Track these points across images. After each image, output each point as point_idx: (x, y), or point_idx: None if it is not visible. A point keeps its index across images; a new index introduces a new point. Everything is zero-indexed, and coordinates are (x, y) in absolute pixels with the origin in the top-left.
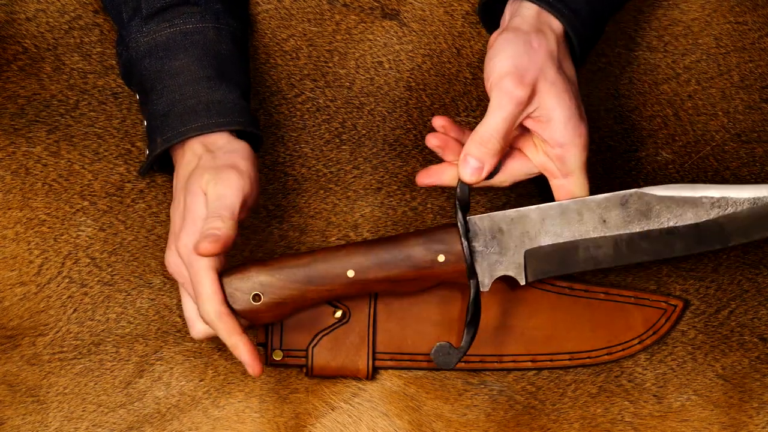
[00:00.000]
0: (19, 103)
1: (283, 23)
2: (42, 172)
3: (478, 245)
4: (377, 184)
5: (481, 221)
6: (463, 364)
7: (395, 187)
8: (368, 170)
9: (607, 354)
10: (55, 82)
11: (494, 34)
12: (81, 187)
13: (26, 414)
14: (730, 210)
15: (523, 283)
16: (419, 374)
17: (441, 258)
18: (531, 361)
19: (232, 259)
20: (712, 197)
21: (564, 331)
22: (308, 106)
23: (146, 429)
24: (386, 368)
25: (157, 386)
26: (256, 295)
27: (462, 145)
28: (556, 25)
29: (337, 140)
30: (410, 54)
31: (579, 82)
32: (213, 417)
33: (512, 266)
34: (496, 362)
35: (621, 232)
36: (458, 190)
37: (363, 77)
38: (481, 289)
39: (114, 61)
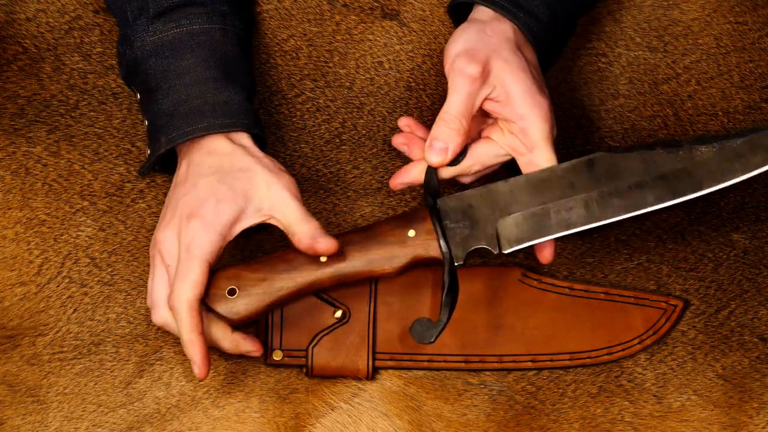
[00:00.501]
0: (19, 103)
1: (283, 23)
2: (42, 172)
3: (449, 223)
4: (377, 184)
5: (450, 200)
6: (463, 364)
7: None
8: (368, 170)
9: (607, 354)
10: (55, 82)
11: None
12: (81, 187)
13: (26, 414)
14: (697, 158)
15: (496, 252)
16: (419, 374)
17: (411, 233)
18: (531, 361)
19: (233, 258)
20: (675, 149)
21: (564, 331)
22: (308, 106)
23: (146, 429)
24: (386, 368)
25: (157, 386)
26: (231, 289)
27: (425, 141)
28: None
29: (337, 140)
30: (410, 54)
31: (578, 82)
32: (213, 417)
33: (484, 238)
34: (496, 362)
35: (590, 192)
36: (426, 176)
37: (363, 77)
38: (456, 263)
39: (114, 61)
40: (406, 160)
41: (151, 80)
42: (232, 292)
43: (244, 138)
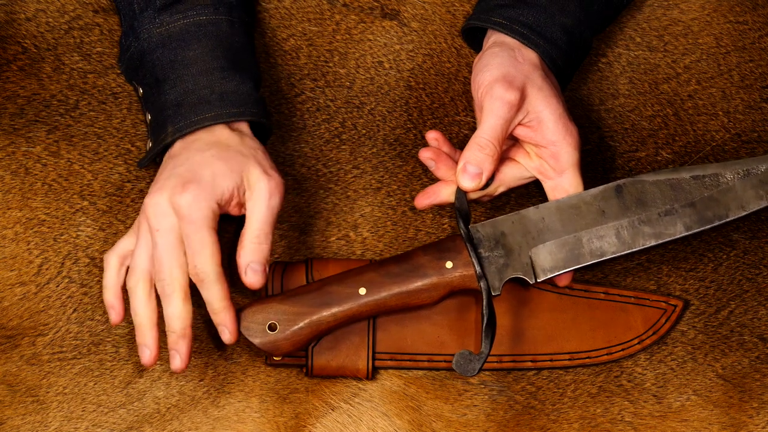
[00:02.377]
0: (19, 103)
1: (283, 23)
2: (42, 172)
3: (483, 251)
4: (377, 184)
5: (483, 228)
6: None
7: (395, 187)
8: (368, 170)
9: (607, 354)
10: (55, 82)
11: (479, 54)
12: (81, 187)
13: (26, 414)
14: (723, 185)
15: (532, 282)
16: (419, 374)
17: (449, 265)
18: (531, 361)
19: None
20: (702, 174)
21: (564, 331)
22: (308, 105)
23: (146, 429)
24: (386, 368)
25: (157, 386)
26: (271, 324)
27: (453, 160)
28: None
29: (337, 140)
30: (410, 54)
31: (578, 82)
32: (213, 417)
33: (520, 267)
34: (496, 362)
35: (621, 220)
36: (457, 201)
37: (363, 77)
38: (493, 293)
39: (114, 61)
40: (406, 160)
41: (158, 71)
42: (272, 327)
43: (243, 126)
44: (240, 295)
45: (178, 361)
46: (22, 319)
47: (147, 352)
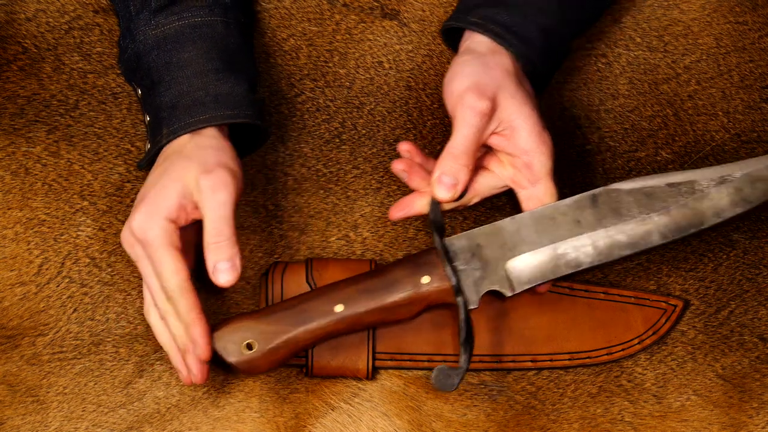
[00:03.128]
0: (19, 103)
1: (282, 23)
2: (42, 172)
3: (459, 264)
4: (377, 184)
5: (458, 240)
6: None
7: (395, 187)
8: (368, 170)
9: (607, 354)
10: (55, 82)
11: (453, 60)
12: (81, 187)
13: (26, 414)
14: (698, 192)
15: (509, 294)
16: (419, 374)
17: (425, 279)
18: (531, 361)
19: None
20: (677, 182)
21: (564, 331)
22: (308, 105)
23: (146, 429)
24: (386, 368)
25: (157, 386)
26: (248, 344)
27: (426, 170)
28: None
29: (337, 140)
30: (410, 54)
31: (578, 82)
32: (213, 417)
33: (496, 280)
34: (496, 362)
35: (596, 230)
36: (431, 213)
37: (363, 77)
38: (470, 307)
39: (114, 61)
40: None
41: (154, 73)
42: (249, 347)
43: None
44: (248, 300)
45: (199, 349)
46: (23, 319)
47: (183, 372)
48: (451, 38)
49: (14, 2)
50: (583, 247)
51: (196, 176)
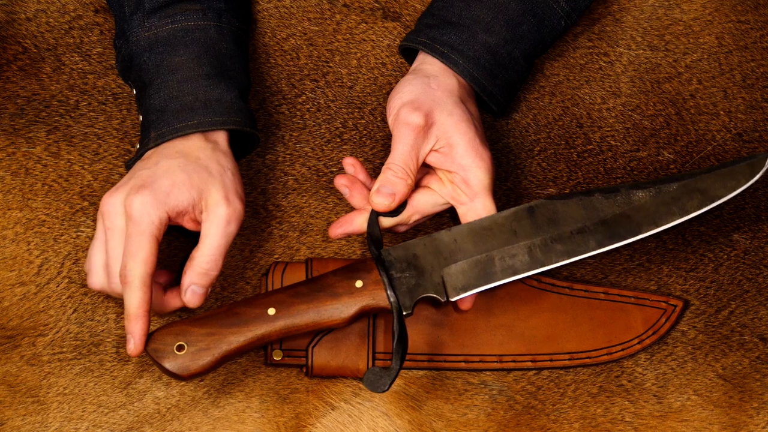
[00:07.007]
0: (19, 103)
1: (283, 22)
2: (42, 172)
3: (394, 273)
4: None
5: (395, 251)
6: (463, 364)
7: None
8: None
9: (607, 354)
10: (55, 82)
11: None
12: (81, 187)
13: (26, 414)
14: (635, 203)
15: (443, 300)
16: (419, 374)
17: (359, 284)
18: (531, 361)
19: (226, 265)
20: (613, 194)
21: (564, 331)
22: (308, 106)
23: (146, 429)
24: None
25: (157, 386)
26: (179, 345)
27: (367, 189)
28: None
29: (338, 140)
30: None
31: (580, 80)
32: (213, 417)
33: (431, 287)
34: (496, 362)
35: (533, 239)
36: (369, 226)
37: (364, 77)
38: (404, 312)
39: (114, 62)
40: None
41: (145, 75)
42: (180, 348)
43: (220, 137)
44: (237, 294)
45: (131, 344)
46: (23, 319)
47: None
48: (410, 57)
49: (14, 2)
50: (518, 255)
51: (217, 199)
